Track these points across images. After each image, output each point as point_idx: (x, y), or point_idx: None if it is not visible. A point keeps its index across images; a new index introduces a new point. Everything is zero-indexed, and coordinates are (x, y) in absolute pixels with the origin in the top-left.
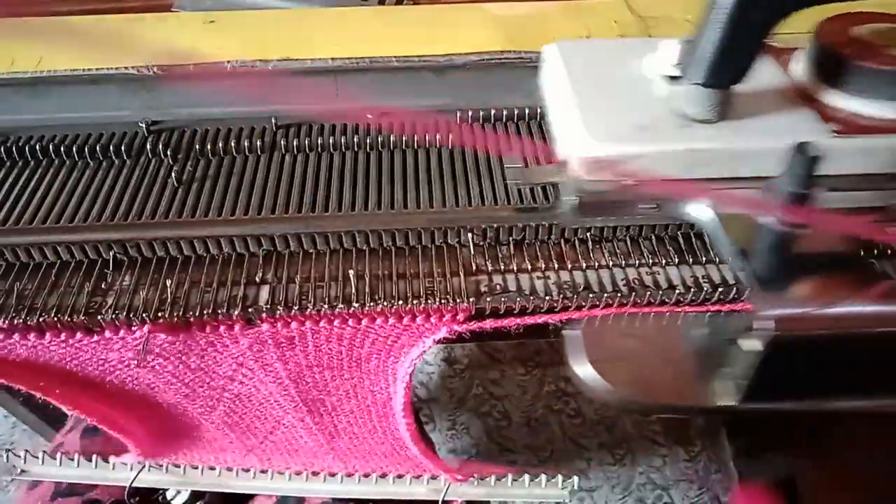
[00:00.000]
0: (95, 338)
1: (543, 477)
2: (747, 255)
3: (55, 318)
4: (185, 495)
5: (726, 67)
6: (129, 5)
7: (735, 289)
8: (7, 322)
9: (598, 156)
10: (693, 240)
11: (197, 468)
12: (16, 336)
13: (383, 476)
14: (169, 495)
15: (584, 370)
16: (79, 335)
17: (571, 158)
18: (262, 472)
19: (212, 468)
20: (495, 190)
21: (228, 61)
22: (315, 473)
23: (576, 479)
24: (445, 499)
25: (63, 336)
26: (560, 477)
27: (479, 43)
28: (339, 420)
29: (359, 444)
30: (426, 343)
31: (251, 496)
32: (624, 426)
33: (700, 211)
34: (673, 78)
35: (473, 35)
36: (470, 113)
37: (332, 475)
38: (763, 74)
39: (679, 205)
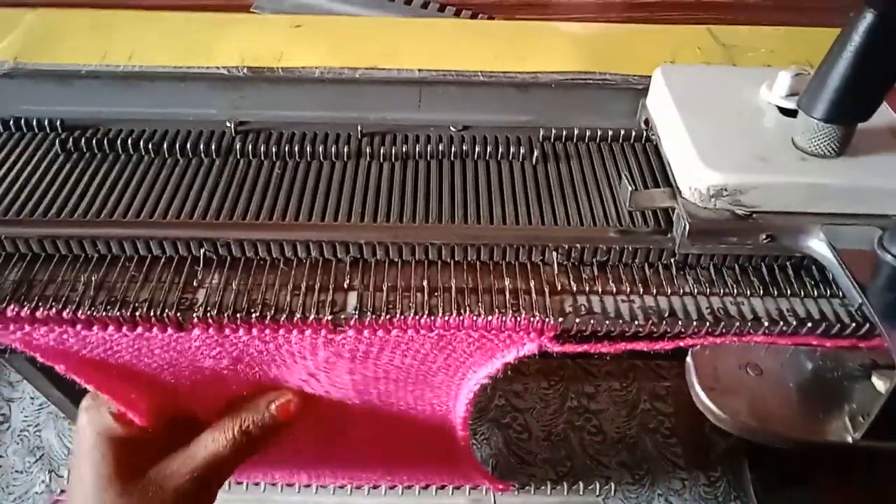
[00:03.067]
0: (183, 335)
1: (581, 485)
2: (868, 290)
3: (148, 313)
4: None
5: (854, 105)
6: (208, 3)
7: (854, 324)
8: (98, 314)
9: (714, 184)
10: (777, 271)
11: (241, 483)
12: (108, 329)
13: (426, 487)
14: None
15: (698, 396)
16: (169, 331)
17: (684, 185)
18: (306, 486)
19: (256, 483)
20: (580, 208)
21: (316, 67)
22: (358, 487)
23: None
24: None
25: (154, 331)
26: (597, 484)
27: (561, 62)
28: (395, 431)
29: (409, 456)
30: (506, 358)
31: None
32: (645, 446)
33: (817, 245)
34: (786, 110)
35: (554, 54)
36: (553, 131)
37: (375, 488)
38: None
39: (796, 238)
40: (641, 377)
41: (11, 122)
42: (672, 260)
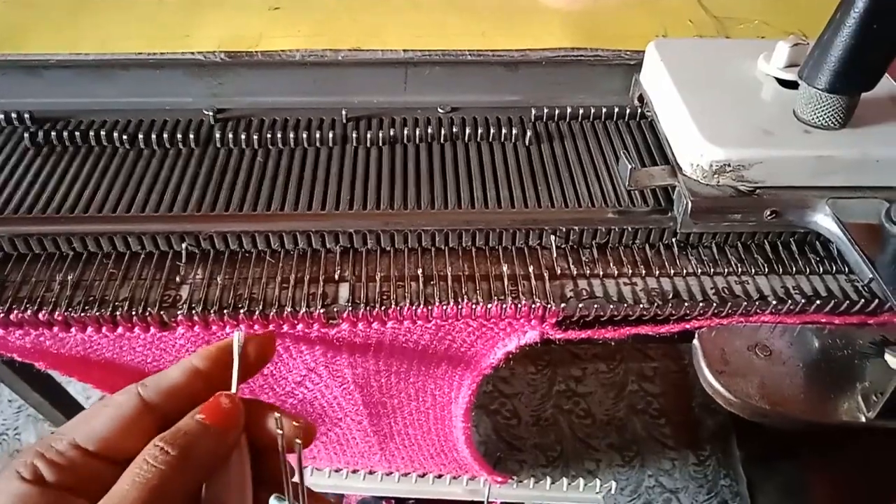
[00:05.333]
0: (169, 333)
1: (581, 481)
2: (877, 264)
3: (129, 312)
4: None
5: (859, 74)
6: None
7: (863, 300)
8: (77, 314)
9: (717, 160)
10: (781, 248)
11: None
12: (87, 330)
13: (423, 476)
14: None
15: (707, 380)
16: (152, 330)
17: (685, 162)
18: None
19: None
20: (576, 189)
21: (297, 50)
22: (355, 471)
23: (613, 483)
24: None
25: (136, 330)
26: (598, 481)
27: (550, 39)
28: (396, 422)
29: (410, 445)
30: (508, 346)
31: None
32: (634, 428)
33: (823, 220)
34: (785, 81)
35: (543, 30)
36: (545, 110)
37: (371, 473)
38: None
39: (801, 213)
40: (628, 358)
41: None
42: (673, 240)
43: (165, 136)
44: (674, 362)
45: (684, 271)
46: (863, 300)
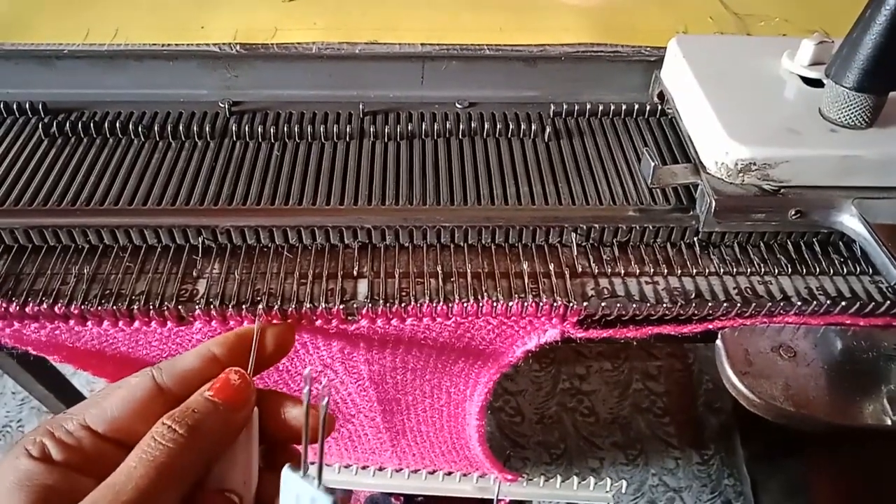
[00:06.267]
0: (186, 328)
1: (591, 480)
2: None
3: (146, 306)
4: None
5: (888, 73)
6: None
7: (888, 302)
8: (93, 308)
9: (742, 158)
10: (804, 249)
11: None
12: (104, 324)
13: (433, 472)
14: None
15: (731, 381)
16: (170, 324)
17: (709, 160)
18: (312, 462)
19: None
20: (597, 186)
21: (313, 43)
22: (364, 467)
23: (623, 483)
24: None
25: (153, 325)
26: (608, 480)
27: (568, 34)
28: (410, 419)
29: (422, 441)
30: (528, 344)
31: None
32: (638, 426)
33: (849, 220)
34: (809, 79)
35: (561, 26)
36: (565, 106)
37: (381, 469)
38: None
39: (827, 213)
40: (633, 357)
41: None
42: (695, 239)
43: (181, 128)
44: (678, 361)
45: (706, 270)
46: (888, 302)
